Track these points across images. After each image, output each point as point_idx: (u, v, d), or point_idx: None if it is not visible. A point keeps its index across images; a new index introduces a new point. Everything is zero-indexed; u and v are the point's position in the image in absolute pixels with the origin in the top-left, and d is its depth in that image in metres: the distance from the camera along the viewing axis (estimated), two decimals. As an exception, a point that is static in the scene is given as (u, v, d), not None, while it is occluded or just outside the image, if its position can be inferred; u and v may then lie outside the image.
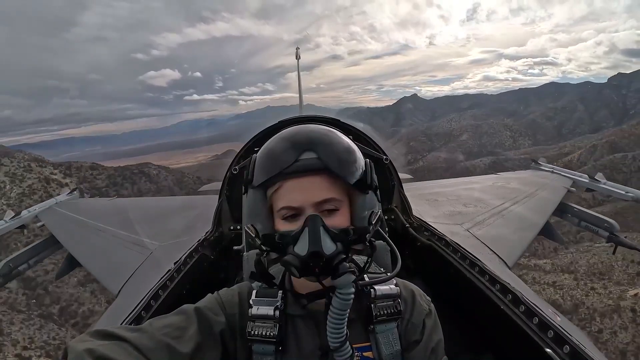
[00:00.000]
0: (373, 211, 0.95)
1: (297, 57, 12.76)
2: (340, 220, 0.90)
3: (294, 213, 0.88)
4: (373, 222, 0.93)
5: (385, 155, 2.75)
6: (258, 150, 0.98)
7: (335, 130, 0.98)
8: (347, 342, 0.91)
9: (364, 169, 0.93)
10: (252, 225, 0.95)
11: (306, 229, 0.84)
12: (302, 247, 0.83)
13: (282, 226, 0.90)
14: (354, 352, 0.94)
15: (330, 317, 0.89)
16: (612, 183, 6.04)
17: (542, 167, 7.28)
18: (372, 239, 0.93)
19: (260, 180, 0.91)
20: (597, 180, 6.02)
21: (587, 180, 6.19)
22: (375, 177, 0.97)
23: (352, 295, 0.87)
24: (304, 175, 0.87)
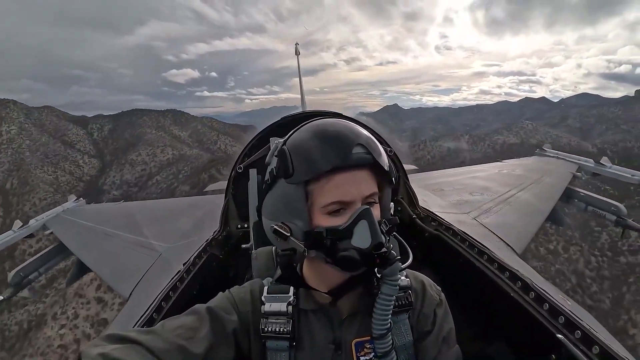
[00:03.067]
0: (391, 203, 0.98)
1: (297, 52, 12.69)
2: (378, 212, 0.91)
3: (341, 207, 0.87)
4: (393, 214, 0.97)
5: (390, 147, 2.74)
6: (276, 144, 0.94)
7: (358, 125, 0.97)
8: (391, 332, 0.94)
9: (389, 162, 0.93)
10: (284, 223, 0.90)
11: (364, 222, 0.84)
12: (363, 240, 0.83)
13: (327, 222, 0.88)
14: (394, 343, 0.95)
15: (379, 304, 0.90)
16: (618, 167, 5.97)
17: (547, 153, 7.22)
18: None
19: (309, 175, 0.85)
20: (603, 165, 5.95)
21: (592, 165, 6.13)
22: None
23: (398, 283, 0.90)
24: (355, 169, 0.87)
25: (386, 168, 0.90)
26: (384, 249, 0.83)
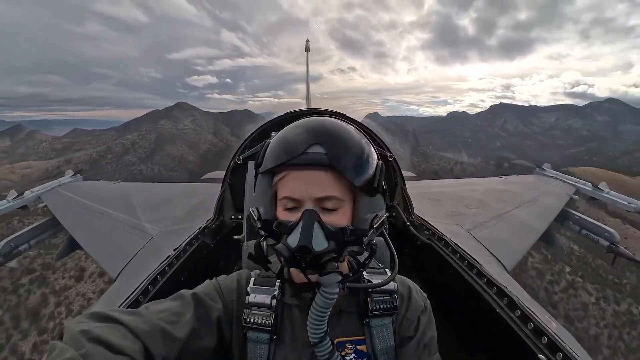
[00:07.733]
0: (377, 215, 0.92)
1: (307, 49, 12.58)
2: (339, 218, 0.88)
3: (294, 205, 0.87)
4: (375, 226, 0.90)
5: (390, 152, 2.74)
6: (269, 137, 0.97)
7: (351, 128, 0.94)
8: (327, 338, 0.92)
9: (373, 171, 0.89)
10: (256, 208, 0.94)
11: (301, 222, 0.83)
12: (293, 240, 0.82)
13: (283, 215, 0.89)
14: (334, 347, 0.94)
15: (312, 312, 0.89)
16: (615, 193, 5.96)
17: (546, 173, 7.21)
18: (373, 242, 0.91)
19: (267, 166, 0.89)
20: (601, 189, 5.94)
21: (590, 189, 6.12)
22: (383, 181, 0.93)
23: (336, 295, 0.87)
24: (309, 168, 0.85)
25: (345, 173, 0.85)
26: (311, 255, 0.81)
